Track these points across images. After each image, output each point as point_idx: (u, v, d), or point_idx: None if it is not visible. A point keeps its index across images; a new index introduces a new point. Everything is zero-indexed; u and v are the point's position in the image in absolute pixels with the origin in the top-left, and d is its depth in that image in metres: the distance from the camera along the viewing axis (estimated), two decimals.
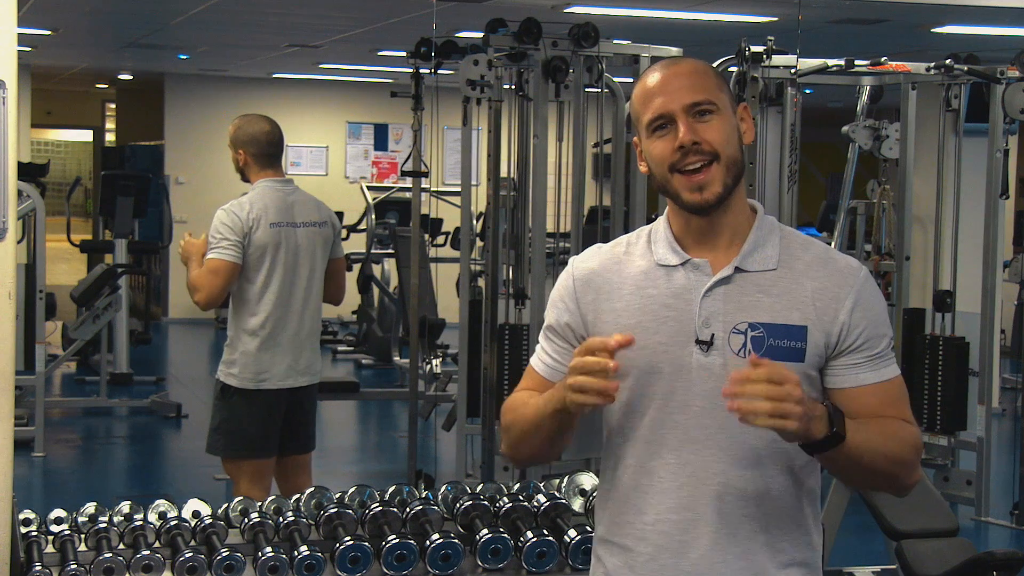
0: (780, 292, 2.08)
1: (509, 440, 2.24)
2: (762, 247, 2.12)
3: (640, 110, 2.13)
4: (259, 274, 4.69)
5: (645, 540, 2.12)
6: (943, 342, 6.99)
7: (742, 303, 2.08)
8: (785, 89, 6.74)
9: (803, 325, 2.06)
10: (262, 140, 4.77)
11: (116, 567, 2.87)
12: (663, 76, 2.11)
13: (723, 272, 2.10)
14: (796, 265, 2.11)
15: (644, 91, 2.12)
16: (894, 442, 2.06)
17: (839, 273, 2.10)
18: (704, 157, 2.07)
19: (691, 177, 2.07)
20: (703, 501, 2.08)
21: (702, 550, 2.09)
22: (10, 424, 2.76)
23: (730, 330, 2.07)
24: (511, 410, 2.22)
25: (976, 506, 6.95)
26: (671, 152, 2.08)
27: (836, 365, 2.09)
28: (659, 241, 2.16)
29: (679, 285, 2.11)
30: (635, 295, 2.13)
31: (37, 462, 7.82)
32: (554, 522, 3.12)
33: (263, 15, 9.67)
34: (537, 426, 2.13)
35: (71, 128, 24.58)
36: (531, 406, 2.15)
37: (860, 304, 2.08)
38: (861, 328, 2.08)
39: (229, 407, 4.73)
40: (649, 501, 2.12)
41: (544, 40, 6.11)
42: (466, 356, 6.38)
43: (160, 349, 12.79)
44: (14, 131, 2.73)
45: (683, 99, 2.08)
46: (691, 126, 2.07)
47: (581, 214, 6.71)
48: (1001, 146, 6.98)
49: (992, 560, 3.52)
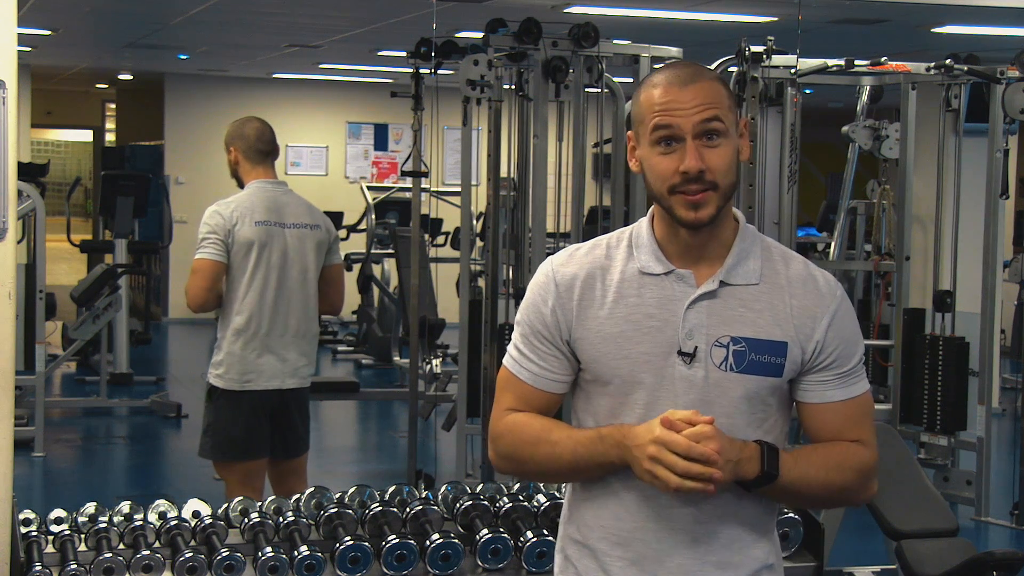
0: (763, 307, 2.10)
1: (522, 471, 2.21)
2: (745, 260, 2.12)
3: (645, 114, 2.07)
4: (243, 272, 4.63)
5: (623, 546, 2.13)
6: (943, 342, 6.99)
7: (725, 317, 2.09)
8: (785, 89, 6.75)
9: (784, 341, 2.08)
10: (251, 136, 4.75)
11: (116, 567, 2.87)
12: (676, 86, 2.05)
13: (708, 285, 2.10)
14: (778, 280, 2.12)
15: (653, 97, 2.07)
16: (836, 472, 2.10)
17: (817, 291, 2.12)
18: (704, 185, 2.05)
19: (689, 197, 2.05)
20: (682, 510, 2.09)
21: (680, 558, 2.11)
22: (10, 424, 2.77)
23: (712, 343, 2.07)
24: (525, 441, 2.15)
25: (976, 506, 6.94)
26: (673, 173, 2.05)
27: (806, 380, 2.12)
28: (642, 247, 2.14)
29: (663, 295, 2.10)
30: (618, 303, 2.11)
31: (37, 462, 7.82)
32: (554, 522, 3.11)
33: (263, 15, 9.67)
34: (576, 471, 2.13)
35: (71, 128, 24.57)
36: (563, 448, 2.11)
37: (835, 324, 2.11)
38: (834, 347, 2.11)
39: (215, 409, 4.68)
40: (628, 508, 2.12)
41: (544, 40, 6.10)
42: (466, 356, 6.37)
43: (160, 349, 12.80)
44: (14, 131, 2.74)
45: (694, 117, 2.03)
46: (698, 152, 2.03)
47: (581, 214, 6.71)
48: (1001, 146, 6.97)
49: (992, 560, 3.52)
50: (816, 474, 2.08)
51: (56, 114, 21.11)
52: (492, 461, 2.24)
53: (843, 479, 2.11)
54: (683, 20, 8.68)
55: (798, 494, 2.11)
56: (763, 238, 2.17)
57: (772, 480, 2.04)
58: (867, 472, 2.14)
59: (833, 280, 2.15)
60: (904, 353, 7.14)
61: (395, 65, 12.08)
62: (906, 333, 7.19)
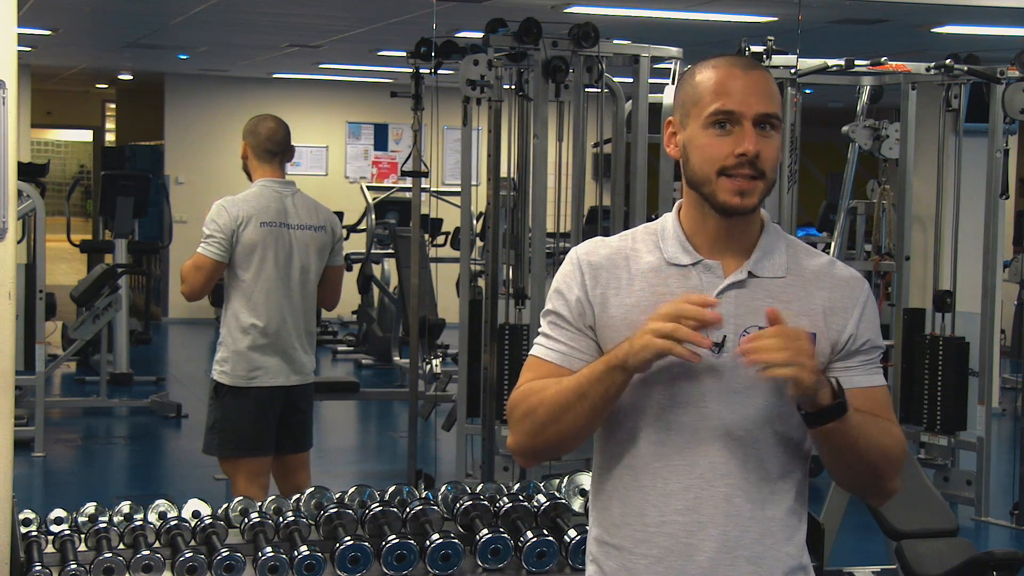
0: (790, 299, 2.10)
1: (530, 427, 2.10)
2: (771, 254, 2.13)
3: (703, 95, 2.07)
4: (248, 272, 4.69)
5: (648, 542, 2.09)
6: (943, 342, 7.00)
7: (753, 307, 2.08)
8: (785, 89, 6.74)
9: (811, 332, 2.06)
10: (262, 135, 4.80)
11: (116, 567, 2.87)
12: (739, 74, 2.07)
13: (736, 275, 2.10)
14: (804, 274, 2.13)
15: (711, 82, 2.07)
16: (887, 437, 2.09)
17: (846, 285, 2.13)
18: (755, 172, 2.06)
19: (738, 182, 2.05)
20: (710, 503, 2.07)
21: (709, 552, 2.07)
22: (10, 424, 2.77)
23: (741, 333, 2.06)
24: (530, 394, 2.10)
25: (976, 506, 6.95)
26: (728, 155, 2.05)
27: (832, 368, 2.10)
28: (668, 239, 2.14)
29: (691, 285, 2.10)
30: (646, 291, 2.11)
31: (37, 462, 7.82)
32: (554, 522, 3.12)
33: (263, 15, 9.67)
34: (580, 396, 2.03)
35: (71, 128, 24.57)
36: (564, 382, 2.06)
37: (865, 316, 2.13)
38: (865, 338, 2.12)
39: (222, 406, 4.73)
40: (653, 503, 2.09)
41: (544, 40, 6.11)
42: (466, 356, 6.38)
43: (160, 349, 12.80)
44: (14, 131, 2.74)
45: (757, 107, 2.05)
46: (757, 138, 2.05)
47: (581, 214, 6.71)
48: (1001, 146, 6.98)
49: (992, 560, 3.52)
50: (873, 431, 2.06)
51: (56, 114, 21.11)
52: (509, 443, 2.17)
53: (892, 446, 2.09)
54: (683, 20, 8.68)
55: (854, 446, 2.04)
56: (787, 235, 2.19)
57: (842, 412, 1.99)
58: (904, 449, 2.14)
59: (858, 275, 2.17)
60: (904, 353, 7.14)
61: (395, 65, 12.08)
62: (906, 333, 7.20)
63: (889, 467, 2.11)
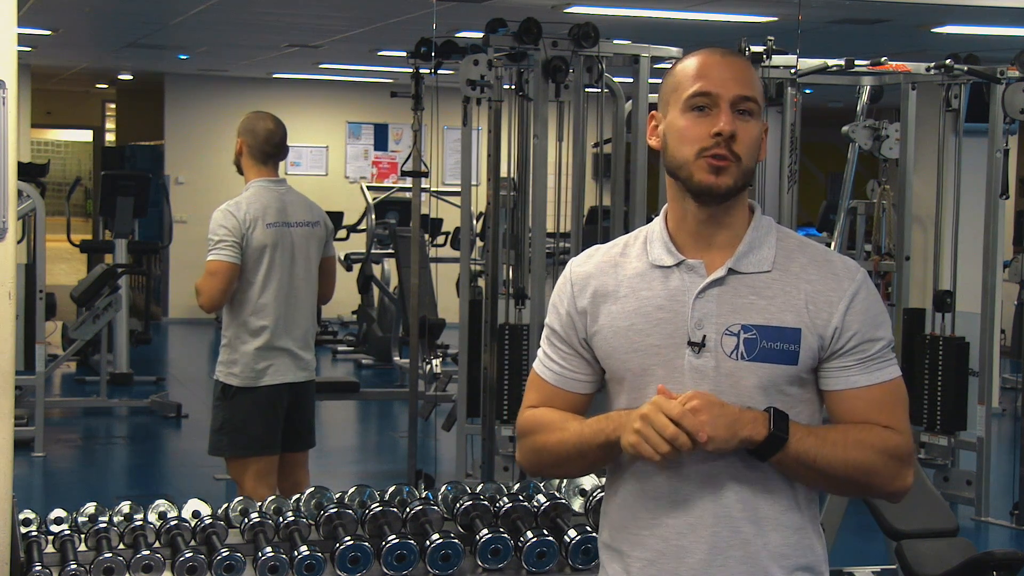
0: (774, 294, 2.07)
1: (539, 461, 2.22)
2: (758, 248, 2.11)
3: (681, 82, 2.09)
4: (257, 274, 4.71)
5: (642, 546, 2.11)
6: (943, 342, 6.99)
7: (735, 305, 2.07)
8: (785, 89, 6.75)
9: (796, 327, 2.05)
10: (260, 135, 4.80)
11: (116, 567, 2.87)
12: (717, 60, 2.09)
13: (716, 273, 2.09)
14: (791, 267, 2.09)
15: (691, 68, 2.10)
16: (857, 449, 2.03)
17: (834, 275, 2.08)
18: (731, 155, 2.06)
19: (713, 161, 2.06)
20: (700, 504, 2.07)
21: (701, 554, 2.07)
22: (10, 424, 2.76)
23: (723, 332, 2.06)
24: (540, 430, 2.19)
25: (976, 506, 6.95)
26: (706, 136, 2.06)
27: (828, 367, 2.08)
28: (655, 241, 2.15)
29: (673, 287, 2.10)
30: (630, 297, 2.12)
31: (37, 462, 7.82)
32: (554, 522, 3.11)
33: (263, 15, 9.67)
34: (582, 454, 2.13)
35: (71, 128, 24.57)
36: (570, 432, 2.14)
37: (854, 307, 2.06)
38: (853, 331, 2.06)
39: (231, 406, 4.73)
40: (645, 505, 2.11)
41: (544, 40, 6.11)
42: (466, 356, 6.38)
43: (160, 349, 12.80)
44: (14, 131, 2.73)
45: (734, 89, 2.06)
46: (734, 120, 2.06)
47: (581, 214, 6.72)
48: (1001, 146, 6.98)
49: (992, 560, 3.52)
50: (833, 449, 2.01)
51: (56, 114, 21.11)
52: (518, 460, 2.29)
53: (865, 458, 2.02)
54: (683, 20, 8.68)
55: (816, 469, 2.02)
56: (780, 228, 2.16)
57: (781, 444, 1.98)
58: (896, 455, 2.05)
59: (853, 264, 2.12)
60: (904, 353, 7.14)
61: (395, 65, 12.07)
62: (906, 333, 7.19)
63: (868, 476, 2.05)
